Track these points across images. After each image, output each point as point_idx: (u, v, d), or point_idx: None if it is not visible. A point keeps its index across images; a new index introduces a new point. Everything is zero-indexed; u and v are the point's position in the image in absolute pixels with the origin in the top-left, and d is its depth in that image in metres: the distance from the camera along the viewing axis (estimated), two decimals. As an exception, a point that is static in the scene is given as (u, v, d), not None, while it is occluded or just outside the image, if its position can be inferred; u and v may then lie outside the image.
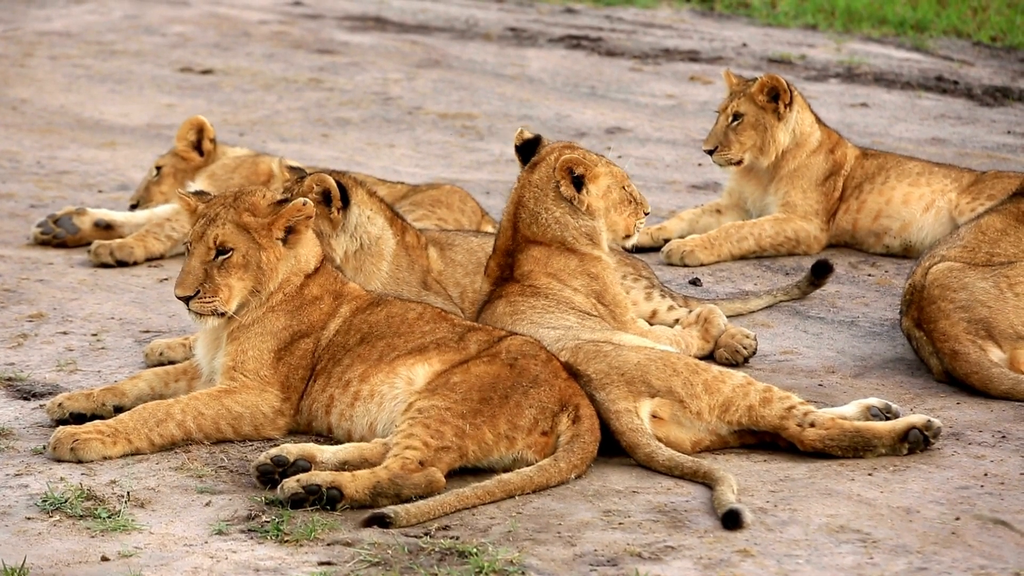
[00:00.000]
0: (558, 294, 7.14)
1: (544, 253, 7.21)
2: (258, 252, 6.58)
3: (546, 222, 7.21)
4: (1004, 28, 16.54)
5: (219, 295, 6.52)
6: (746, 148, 9.38)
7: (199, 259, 6.54)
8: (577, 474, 6.19)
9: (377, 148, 12.01)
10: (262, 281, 6.60)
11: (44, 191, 10.58)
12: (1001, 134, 12.44)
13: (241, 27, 16.39)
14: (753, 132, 9.38)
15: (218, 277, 6.53)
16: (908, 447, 6.41)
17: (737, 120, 9.39)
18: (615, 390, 6.41)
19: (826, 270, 8.35)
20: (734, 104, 9.39)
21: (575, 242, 7.23)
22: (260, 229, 6.57)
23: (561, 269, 7.19)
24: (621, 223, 7.35)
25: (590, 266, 7.23)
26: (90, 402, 6.70)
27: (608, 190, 7.31)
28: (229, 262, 6.54)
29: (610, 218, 7.33)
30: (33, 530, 5.76)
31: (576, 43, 15.89)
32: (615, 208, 7.34)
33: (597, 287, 7.22)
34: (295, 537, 5.70)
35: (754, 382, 6.47)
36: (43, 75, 14.10)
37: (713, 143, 9.42)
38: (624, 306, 7.30)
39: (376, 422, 6.38)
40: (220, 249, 6.54)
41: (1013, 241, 7.62)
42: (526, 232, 7.23)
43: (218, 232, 6.53)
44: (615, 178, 7.33)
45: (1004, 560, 5.57)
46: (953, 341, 7.28)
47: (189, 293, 6.52)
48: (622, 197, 7.34)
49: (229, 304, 6.55)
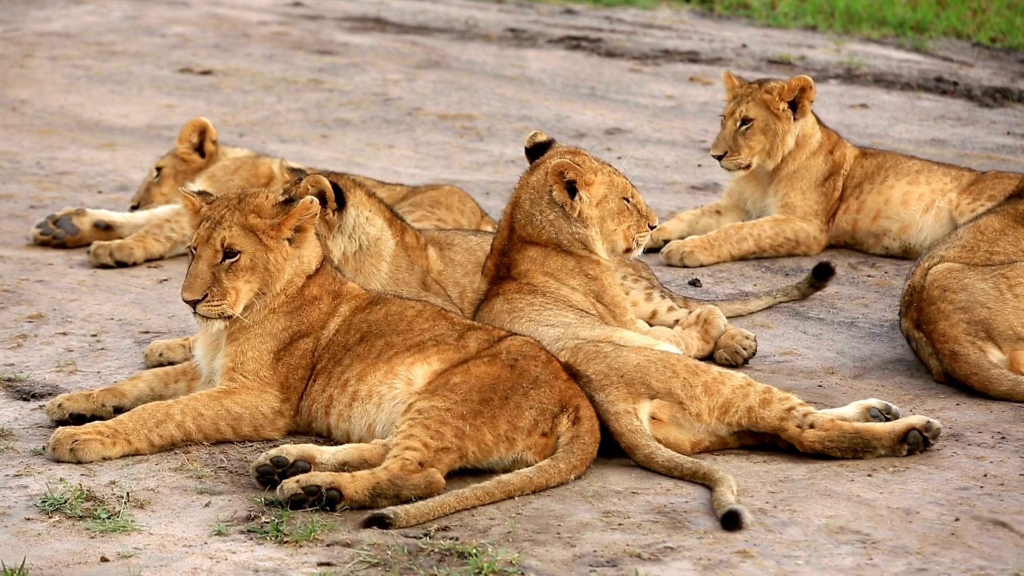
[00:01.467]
0: (555, 292, 7.12)
1: (541, 253, 7.19)
2: (265, 254, 6.57)
3: (540, 224, 7.18)
4: (1004, 29, 16.55)
5: (227, 298, 6.52)
6: (755, 152, 9.36)
7: (206, 262, 6.53)
8: (577, 475, 6.19)
9: (377, 149, 12.01)
10: (269, 283, 6.60)
11: (44, 192, 10.58)
12: (1001, 135, 12.44)
13: (241, 28, 16.39)
14: (763, 136, 9.36)
15: (226, 280, 6.53)
16: (908, 448, 6.41)
17: (746, 124, 9.36)
18: (614, 391, 6.41)
19: (827, 273, 8.35)
20: (742, 108, 9.35)
21: (570, 246, 7.19)
22: (267, 230, 6.57)
23: (558, 269, 7.16)
24: (620, 234, 7.19)
25: (587, 268, 7.21)
26: (90, 403, 6.70)
27: (604, 199, 7.16)
28: (237, 265, 6.54)
29: (606, 227, 7.17)
30: (32, 531, 5.76)
31: (576, 44, 15.89)
32: (612, 218, 7.17)
33: (596, 288, 7.20)
34: (294, 538, 5.69)
35: (754, 383, 6.47)
36: (43, 76, 14.11)
37: (723, 148, 9.38)
38: (624, 307, 7.27)
39: (375, 423, 6.38)
40: (227, 252, 6.54)
41: (1012, 241, 7.62)
42: (522, 232, 7.21)
43: (225, 235, 6.52)
44: (614, 188, 7.17)
45: (1003, 561, 5.57)
46: (952, 342, 7.28)
47: (197, 297, 6.51)
48: (621, 208, 7.17)
49: (236, 307, 6.55)
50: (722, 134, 9.41)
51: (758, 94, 9.33)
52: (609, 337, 6.81)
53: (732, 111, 9.39)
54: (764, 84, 9.40)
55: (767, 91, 9.33)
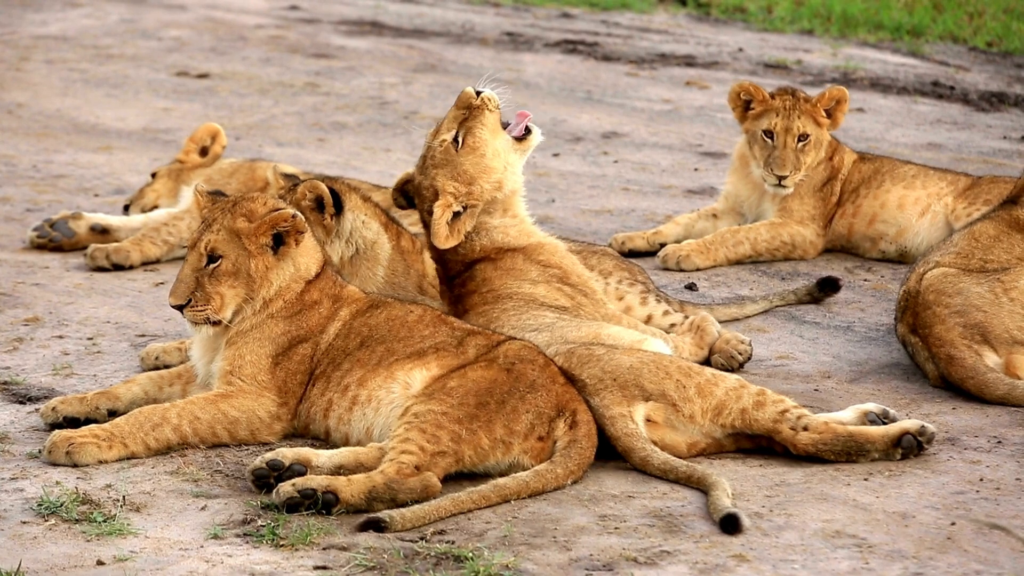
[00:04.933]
0: (519, 291, 7.10)
1: (489, 262, 7.18)
2: (247, 259, 6.54)
3: (469, 240, 7.17)
4: (1000, 33, 16.56)
5: (211, 303, 6.50)
6: (807, 168, 9.33)
7: (191, 267, 6.52)
8: (574, 479, 6.19)
9: (373, 152, 12.01)
10: (254, 288, 6.56)
11: (40, 195, 10.57)
12: (997, 139, 12.45)
13: (237, 31, 16.39)
14: (815, 152, 9.35)
15: (208, 285, 6.50)
16: (902, 452, 6.41)
17: (804, 141, 9.31)
18: (609, 395, 6.41)
19: (832, 288, 8.40)
20: (799, 124, 9.25)
21: (504, 241, 7.17)
22: (250, 235, 6.54)
23: (511, 266, 7.14)
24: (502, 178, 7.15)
25: (537, 255, 7.19)
26: (84, 406, 6.69)
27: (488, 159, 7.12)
28: (219, 270, 6.51)
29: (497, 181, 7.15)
30: (28, 534, 5.76)
31: (572, 48, 15.89)
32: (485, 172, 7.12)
33: (557, 272, 7.18)
34: (291, 541, 5.69)
35: (747, 385, 6.47)
36: (39, 79, 14.10)
37: (790, 168, 9.29)
38: (592, 286, 7.27)
39: (373, 426, 6.38)
40: (211, 256, 6.52)
41: (1006, 248, 7.63)
42: (463, 258, 7.20)
43: (211, 238, 6.51)
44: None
45: (1000, 565, 5.57)
46: (948, 346, 7.28)
47: (181, 302, 6.49)
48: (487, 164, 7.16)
49: (222, 312, 6.52)
50: (784, 153, 9.23)
51: (805, 107, 9.27)
52: (597, 335, 6.80)
53: (787, 127, 9.26)
54: (798, 94, 9.33)
55: (813, 104, 9.29)
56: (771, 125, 9.28)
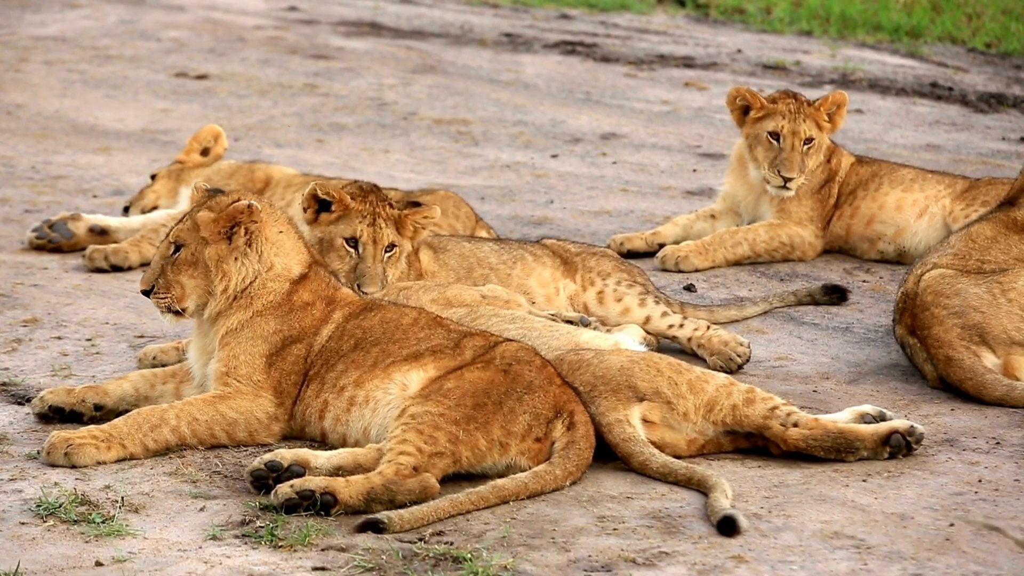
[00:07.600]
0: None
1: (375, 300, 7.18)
2: (204, 249, 6.58)
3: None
4: (998, 35, 16.56)
5: (172, 292, 6.57)
6: (811, 171, 9.35)
7: (160, 254, 6.63)
8: (572, 480, 6.19)
9: (372, 153, 12.01)
10: (211, 279, 6.58)
11: (39, 196, 10.58)
12: (995, 140, 12.45)
13: (236, 32, 16.39)
14: (817, 155, 9.36)
15: (170, 274, 6.58)
16: (890, 451, 6.42)
17: (809, 144, 9.31)
18: (603, 402, 6.41)
19: (841, 297, 8.44)
20: (805, 127, 9.27)
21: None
22: (207, 224, 6.57)
23: (396, 296, 7.22)
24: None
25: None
26: (70, 397, 6.70)
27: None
28: (179, 259, 6.59)
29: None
30: (27, 535, 5.76)
31: (571, 49, 15.90)
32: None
33: (437, 295, 7.26)
34: (289, 542, 5.69)
35: (736, 383, 6.50)
36: (38, 80, 14.10)
37: (797, 170, 9.28)
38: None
39: (370, 427, 6.38)
40: (176, 246, 6.59)
41: (1003, 249, 7.63)
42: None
43: (177, 228, 6.60)
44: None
45: (998, 566, 5.57)
46: (947, 347, 7.28)
47: (146, 288, 6.60)
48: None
49: (184, 302, 6.57)
50: (791, 156, 9.22)
51: (809, 111, 9.28)
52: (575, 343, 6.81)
53: (794, 130, 9.25)
54: (800, 97, 9.34)
55: (815, 107, 9.30)
56: (778, 127, 9.27)
